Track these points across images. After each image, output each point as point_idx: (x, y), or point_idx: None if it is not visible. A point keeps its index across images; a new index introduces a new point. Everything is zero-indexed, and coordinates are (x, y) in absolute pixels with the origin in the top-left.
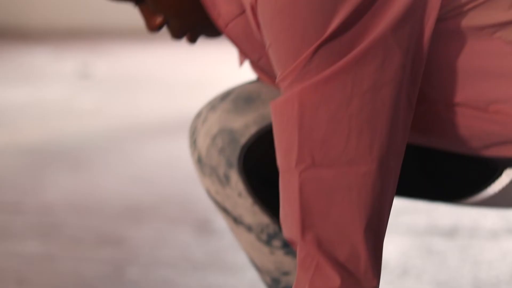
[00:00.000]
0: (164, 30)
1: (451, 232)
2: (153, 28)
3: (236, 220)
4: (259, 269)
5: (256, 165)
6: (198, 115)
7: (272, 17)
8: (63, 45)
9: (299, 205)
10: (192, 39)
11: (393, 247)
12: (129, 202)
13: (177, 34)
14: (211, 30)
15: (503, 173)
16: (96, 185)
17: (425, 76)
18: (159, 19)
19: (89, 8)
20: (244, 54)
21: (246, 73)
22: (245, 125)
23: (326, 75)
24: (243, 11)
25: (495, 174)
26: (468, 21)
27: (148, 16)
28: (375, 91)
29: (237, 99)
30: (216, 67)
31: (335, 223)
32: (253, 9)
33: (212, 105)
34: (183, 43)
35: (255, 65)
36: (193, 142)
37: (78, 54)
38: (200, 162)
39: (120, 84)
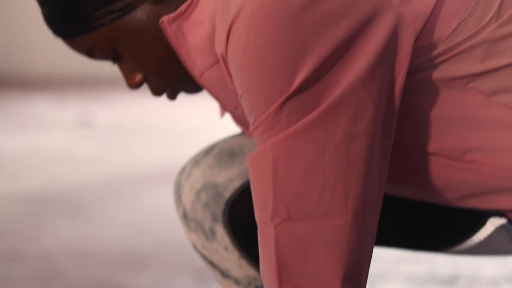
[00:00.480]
0: None
1: (451, 280)
2: (133, 85)
3: (223, 274)
4: None
5: (241, 219)
6: (182, 170)
7: (243, 68)
8: (62, 93)
9: (275, 258)
10: (172, 96)
11: None
12: (129, 250)
13: (156, 91)
14: (190, 86)
15: (488, 222)
16: (96, 232)
17: (399, 125)
18: (138, 77)
19: None
20: (221, 104)
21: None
22: (229, 179)
23: (298, 128)
24: (217, 61)
25: (479, 223)
26: (441, 73)
27: (127, 73)
28: (348, 143)
29: (220, 153)
30: (214, 116)
31: (312, 276)
32: (224, 60)
33: (196, 160)
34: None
35: (233, 115)
36: (178, 198)
37: (78, 102)
38: (185, 217)
39: (119, 132)
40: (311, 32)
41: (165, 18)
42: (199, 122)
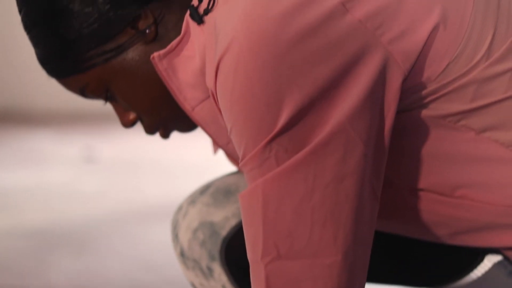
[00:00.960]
0: None
1: None
2: (126, 124)
3: None
4: None
5: (238, 257)
6: (179, 209)
7: (231, 104)
8: (66, 128)
9: None
10: (165, 135)
11: None
12: (134, 285)
13: (149, 130)
14: (183, 125)
15: (485, 259)
16: (101, 268)
17: (389, 162)
18: (132, 115)
19: None
20: (212, 139)
21: None
22: (225, 218)
23: (287, 167)
24: (208, 96)
25: (477, 259)
26: (431, 111)
27: (121, 112)
28: (337, 183)
29: (216, 192)
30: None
31: None
32: (214, 95)
33: (192, 199)
34: None
35: (225, 151)
36: (175, 236)
37: (81, 138)
38: (183, 255)
39: (123, 168)
40: (299, 70)
41: (156, 54)
42: (202, 157)
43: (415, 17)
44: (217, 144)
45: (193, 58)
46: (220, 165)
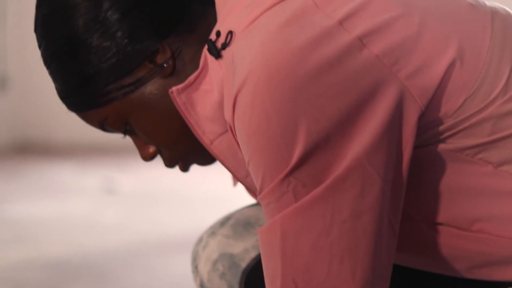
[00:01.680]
0: None
1: None
2: (146, 157)
3: None
4: None
5: None
6: (199, 241)
7: (248, 137)
8: (87, 160)
9: None
10: (184, 168)
11: None
12: None
13: (169, 163)
14: (202, 158)
15: None
16: None
17: (408, 196)
18: (151, 149)
19: None
20: (231, 172)
21: None
22: (245, 250)
23: (305, 203)
24: (226, 130)
25: None
26: (448, 145)
27: (140, 146)
28: (355, 218)
29: (236, 224)
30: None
31: None
32: (232, 129)
33: (212, 231)
34: None
35: (244, 184)
36: (195, 268)
37: (102, 169)
38: (202, 287)
39: (143, 199)
40: (315, 103)
41: (174, 89)
42: (221, 189)
43: (432, 53)
44: (235, 177)
45: (211, 92)
46: (240, 197)
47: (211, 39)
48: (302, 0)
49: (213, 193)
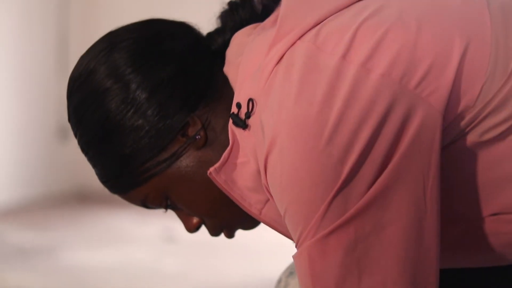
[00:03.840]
0: None
1: None
2: (191, 229)
3: None
4: None
5: None
6: (279, 281)
7: (281, 194)
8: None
9: None
10: (229, 235)
11: None
12: None
13: (213, 232)
14: (247, 223)
15: None
16: None
17: (456, 195)
18: (195, 220)
19: None
20: (284, 235)
21: None
22: None
23: (329, 230)
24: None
25: None
26: (476, 137)
27: (184, 218)
28: (379, 231)
29: None
30: None
31: None
32: (267, 190)
33: (291, 271)
34: None
35: None
36: None
37: (161, 219)
38: None
39: (202, 248)
40: (339, 145)
41: (212, 169)
42: (282, 238)
43: (437, 53)
44: (290, 239)
45: (248, 163)
46: None
47: (233, 113)
48: (305, 47)
49: (273, 242)
